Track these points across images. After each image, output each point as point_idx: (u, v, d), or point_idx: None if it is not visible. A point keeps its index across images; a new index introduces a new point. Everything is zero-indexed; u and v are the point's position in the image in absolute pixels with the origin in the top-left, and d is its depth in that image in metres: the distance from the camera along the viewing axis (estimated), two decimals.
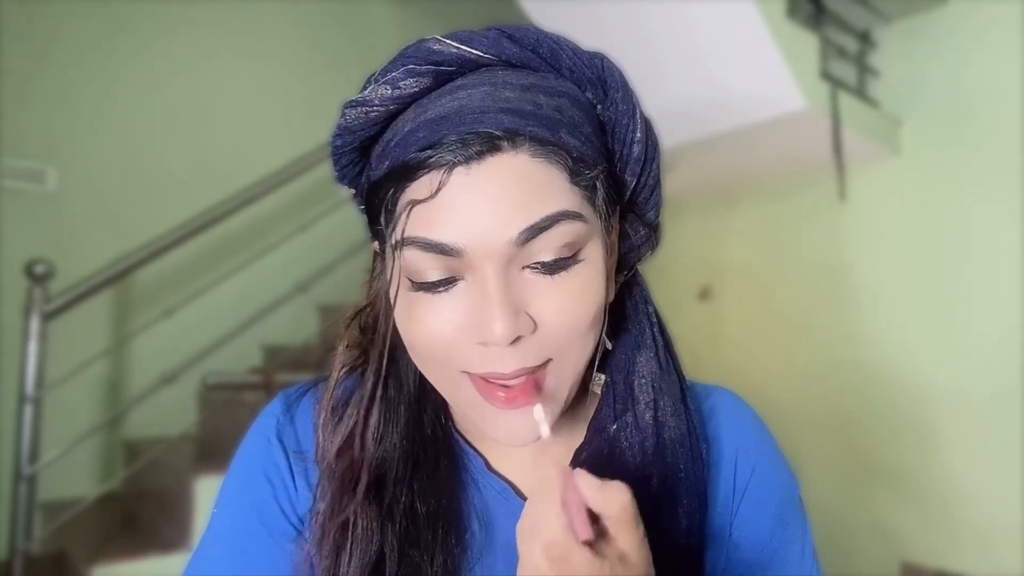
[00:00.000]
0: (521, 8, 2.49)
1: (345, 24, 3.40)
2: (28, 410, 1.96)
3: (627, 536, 0.41)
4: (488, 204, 0.43)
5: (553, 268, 0.45)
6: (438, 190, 0.43)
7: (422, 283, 0.45)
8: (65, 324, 2.08)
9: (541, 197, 0.43)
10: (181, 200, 2.51)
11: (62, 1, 2.59)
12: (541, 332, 0.45)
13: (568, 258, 0.45)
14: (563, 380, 0.48)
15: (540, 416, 0.45)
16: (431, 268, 0.44)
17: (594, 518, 0.41)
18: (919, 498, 2.66)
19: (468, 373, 0.47)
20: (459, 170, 0.43)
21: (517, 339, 0.44)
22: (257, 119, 3.06)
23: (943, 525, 2.60)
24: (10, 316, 2.18)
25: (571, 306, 0.45)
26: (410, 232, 0.44)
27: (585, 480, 0.41)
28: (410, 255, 0.44)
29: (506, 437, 0.48)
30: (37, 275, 1.98)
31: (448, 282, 0.45)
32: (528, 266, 0.44)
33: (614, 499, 0.41)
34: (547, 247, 0.44)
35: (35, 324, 1.98)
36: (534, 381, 0.46)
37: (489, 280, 0.43)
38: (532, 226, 0.43)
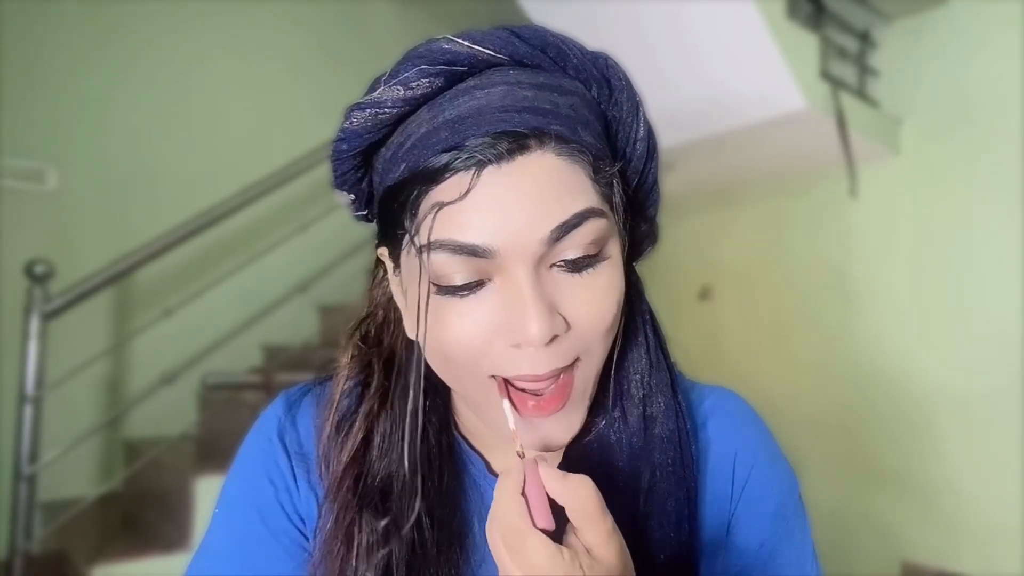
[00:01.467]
0: (521, 8, 2.49)
1: (347, 24, 3.40)
2: (28, 410, 1.96)
3: (592, 528, 0.41)
4: (520, 203, 0.42)
5: (579, 265, 0.45)
6: (468, 191, 0.42)
7: (448, 287, 0.44)
8: (65, 324, 2.08)
9: (569, 195, 0.43)
10: (181, 200, 2.51)
11: (62, 1, 2.59)
12: (573, 331, 0.45)
13: (594, 256, 0.45)
14: (589, 377, 0.48)
15: (507, 409, 0.45)
16: (459, 271, 0.44)
17: (564, 512, 0.41)
18: (919, 498, 2.66)
19: (496, 378, 0.46)
20: (489, 170, 0.42)
21: (552, 339, 0.44)
22: (257, 119, 3.06)
23: (943, 525, 2.60)
24: (10, 316, 2.18)
25: (600, 303, 0.45)
26: (438, 235, 0.43)
27: (547, 471, 0.41)
28: (438, 258, 0.43)
29: (538, 442, 0.48)
30: (37, 275, 1.98)
31: (475, 285, 0.44)
32: (555, 264, 0.44)
33: (576, 491, 0.41)
34: (575, 245, 0.44)
35: (35, 324, 1.98)
36: (563, 387, 0.46)
37: (522, 280, 0.43)
38: (563, 224, 0.43)
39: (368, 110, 0.46)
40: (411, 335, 0.50)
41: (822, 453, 2.85)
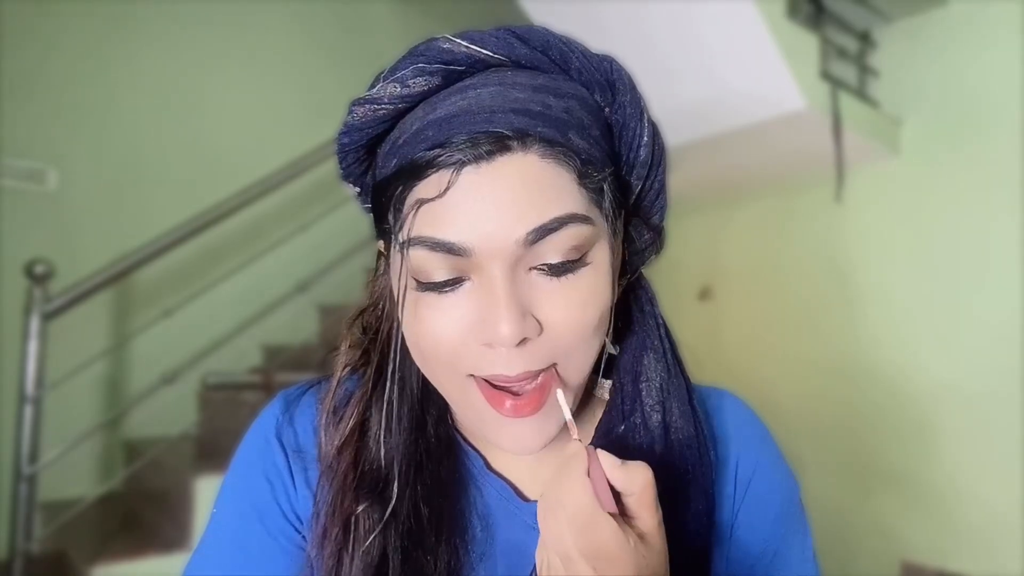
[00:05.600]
0: (521, 8, 2.49)
1: (346, 23, 3.40)
2: (28, 410, 1.96)
3: (647, 516, 0.41)
4: (497, 204, 0.42)
5: (560, 270, 0.44)
6: (447, 189, 0.42)
7: (428, 283, 0.45)
8: (65, 324, 2.08)
9: (550, 198, 0.43)
10: (181, 200, 2.51)
11: (62, 1, 2.59)
12: (547, 335, 0.45)
13: (575, 261, 0.45)
14: (569, 383, 0.48)
15: (562, 400, 0.45)
16: (438, 268, 0.44)
17: (615, 499, 0.42)
18: (919, 498, 2.66)
19: (474, 377, 0.46)
20: (468, 169, 0.42)
21: (523, 341, 0.44)
22: (257, 118, 3.06)
23: (943, 525, 2.60)
24: (10, 316, 2.18)
25: (577, 309, 0.45)
26: (417, 231, 0.44)
27: (608, 459, 0.42)
28: (417, 255, 0.44)
29: (511, 445, 0.48)
30: (37, 275, 1.98)
31: (454, 282, 0.44)
32: (535, 267, 0.44)
33: (636, 477, 0.41)
34: (554, 249, 0.44)
35: (35, 324, 1.98)
36: (540, 388, 0.46)
37: (496, 280, 0.43)
38: (540, 227, 0.43)
39: (367, 106, 0.47)
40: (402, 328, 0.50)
41: (822, 453, 2.85)
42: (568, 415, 0.45)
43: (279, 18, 3.18)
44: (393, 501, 0.50)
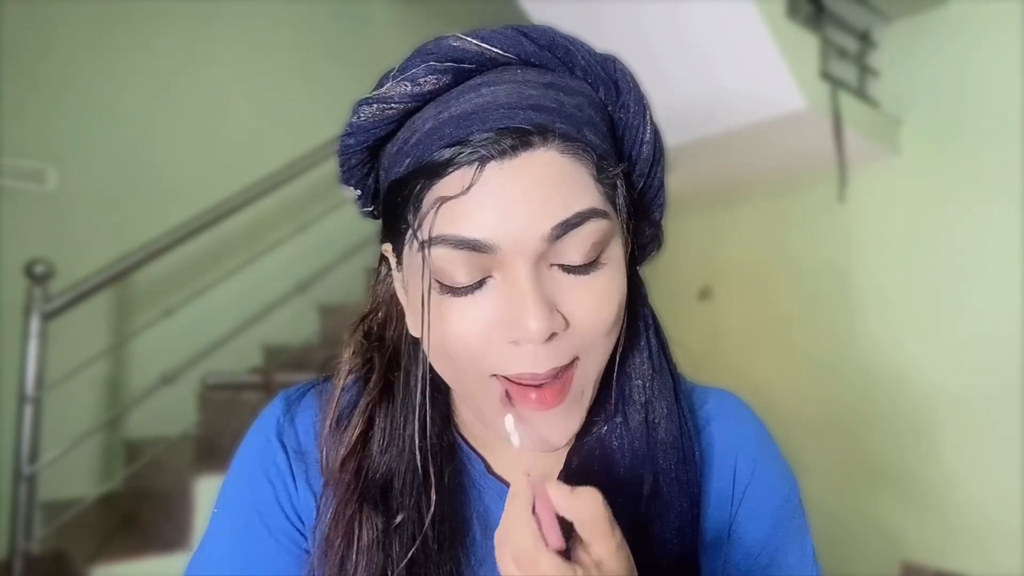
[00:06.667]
0: (521, 8, 2.49)
1: (347, 23, 3.40)
2: (28, 410, 1.96)
3: (601, 542, 0.41)
4: (521, 199, 0.42)
5: (581, 266, 0.45)
6: (470, 186, 0.42)
7: (450, 282, 0.44)
8: (65, 324, 2.08)
9: (571, 194, 0.43)
10: (181, 200, 2.51)
11: (61, 1, 2.59)
12: (572, 330, 0.45)
13: (595, 256, 0.45)
14: (588, 378, 0.48)
15: (511, 427, 0.45)
16: (460, 266, 0.44)
17: (571, 525, 0.41)
18: (919, 498, 2.66)
19: (497, 377, 0.46)
20: (491, 165, 0.42)
21: (550, 337, 0.43)
22: (258, 118, 3.06)
23: (943, 525, 2.60)
24: (10, 316, 2.18)
25: (599, 304, 0.45)
26: (439, 230, 0.43)
27: (555, 489, 0.41)
28: (439, 253, 0.43)
29: (535, 442, 0.48)
30: (37, 275, 1.98)
31: (477, 280, 0.44)
32: (556, 263, 0.44)
33: (585, 506, 0.41)
34: (576, 244, 0.44)
35: (35, 324, 1.98)
36: (564, 381, 0.46)
37: (521, 277, 0.43)
38: (564, 222, 0.43)
39: (375, 105, 0.46)
40: (414, 332, 0.50)
41: (822, 453, 2.85)
42: (516, 443, 0.45)
43: (280, 17, 3.18)
44: (396, 510, 0.50)
